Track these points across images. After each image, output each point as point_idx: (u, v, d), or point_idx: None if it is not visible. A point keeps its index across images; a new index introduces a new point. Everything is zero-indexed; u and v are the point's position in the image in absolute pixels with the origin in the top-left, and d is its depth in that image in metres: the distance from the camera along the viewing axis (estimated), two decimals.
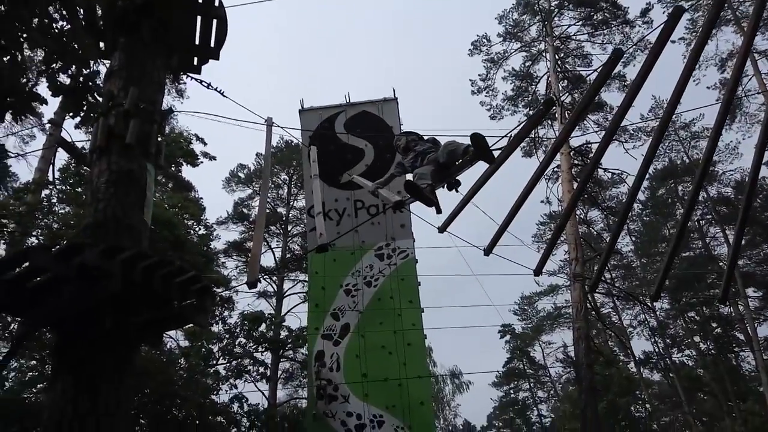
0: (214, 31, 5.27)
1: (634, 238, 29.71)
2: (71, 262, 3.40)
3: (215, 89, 5.35)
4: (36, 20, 2.83)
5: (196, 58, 5.43)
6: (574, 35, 21.48)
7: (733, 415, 27.02)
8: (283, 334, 27.72)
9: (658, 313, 29.71)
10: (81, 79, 3.35)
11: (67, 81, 3.58)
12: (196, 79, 5.36)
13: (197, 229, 18.73)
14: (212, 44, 5.36)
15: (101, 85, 4.35)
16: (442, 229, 5.59)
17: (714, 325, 31.00)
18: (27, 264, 3.43)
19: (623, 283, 27.60)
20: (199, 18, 5.13)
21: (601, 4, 20.60)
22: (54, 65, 3.10)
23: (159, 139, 4.52)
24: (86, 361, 3.46)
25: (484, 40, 21.82)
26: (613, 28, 20.57)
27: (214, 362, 26.32)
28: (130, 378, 3.60)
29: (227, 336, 26.38)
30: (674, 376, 29.39)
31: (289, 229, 31.05)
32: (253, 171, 31.54)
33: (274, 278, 30.40)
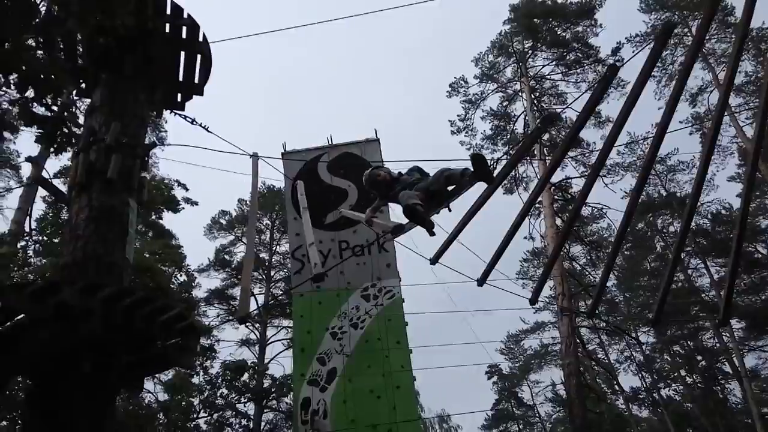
0: (198, 67, 5.21)
1: (616, 273, 29.82)
2: (48, 301, 3.20)
3: (200, 125, 5.25)
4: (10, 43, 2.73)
5: (179, 95, 5.35)
6: (548, 75, 22.04)
7: None
8: (267, 383, 26.95)
9: (644, 347, 29.61)
10: (55, 108, 3.22)
11: (40, 111, 3.44)
12: (180, 115, 5.26)
13: (179, 276, 18.33)
14: (196, 80, 5.29)
15: (77, 115, 4.24)
16: (434, 260, 5.48)
17: (699, 357, 30.93)
18: None
19: (608, 318, 27.50)
20: (182, 54, 5.08)
21: (573, 44, 21.24)
22: (27, 94, 2.97)
23: (142, 174, 4.38)
24: (62, 409, 3.22)
25: (462, 82, 22.27)
26: (586, 67, 21.16)
27: (195, 416, 25.42)
28: (111, 426, 3.36)
29: (208, 387, 25.56)
30: (663, 411, 29.09)
31: (272, 274, 30.61)
32: (235, 217, 31.24)
33: (257, 325, 29.73)
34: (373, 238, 12.63)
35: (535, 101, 21.21)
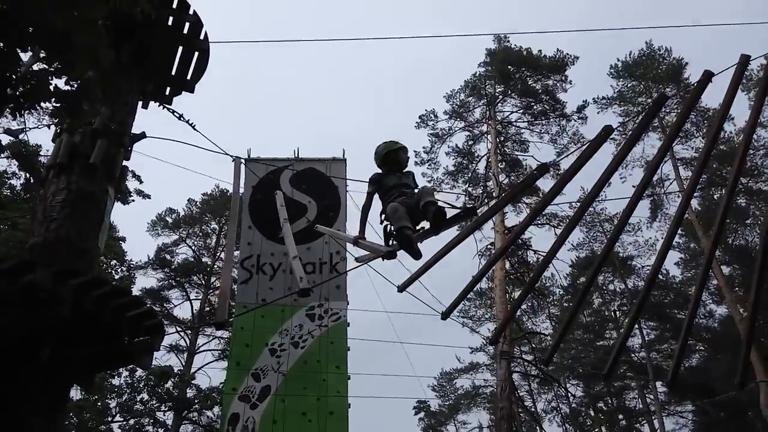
0: (194, 63, 5.14)
1: (553, 323, 30.59)
2: (17, 281, 3.04)
3: (186, 121, 5.16)
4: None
5: (169, 88, 5.25)
6: (514, 122, 22.76)
7: None
8: (191, 393, 26.07)
9: (571, 399, 30.30)
10: (77, 85, 3.10)
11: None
12: (168, 109, 5.15)
13: (119, 270, 17.66)
14: (189, 77, 5.21)
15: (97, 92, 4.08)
16: (401, 288, 5.49)
17: (621, 416, 31.84)
18: None
19: (542, 367, 28.08)
20: (180, 48, 5.00)
21: (542, 96, 22.06)
22: (51, 67, 2.85)
23: (124, 163, 4.26)
24: (15, 396, 3.03)
25: (432, 116, 22.75)
26: (551, 120, 22.00)
27: (110, 419, 24.32)
28: (63, 419, 3.18)
29: (128, 390, 24.55)
30: None
31: (212, 280, 29.83)
32: (183, 217, 30.46)
33: (188, 332, 28.77)
34: (325, 256, 12.57)
35: (500, 145, 21.79)
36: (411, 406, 37.42)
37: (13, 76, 2.63)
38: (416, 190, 4.90)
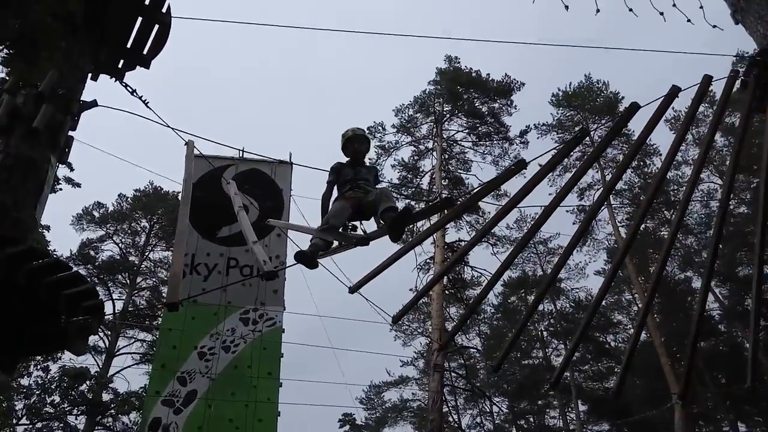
0: (152, 37, 4.84)
1: (482, 340, 31.13)
2: None
3: (140, 98, 4.83)
4: None
5: (122, 61, 4.92)
6: (459, 141, 23.17)
7: None
8: (107, 397, 24.76)
9: (496, 416, 30.81)
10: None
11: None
12: (121, 83, 4.82)
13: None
14: (145, 51, 4.91)
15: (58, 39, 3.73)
16: (353, 289, 5.35)
17: None
18: None
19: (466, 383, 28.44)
20: (139, 19, 4.70)
21: (487, 118, 22.61)
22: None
23: (70, 133, 3.93)
24: None
25: (380, 128, 22.81)
26: (495, 142, 22.54)
27: (14, 422, 22.74)
28: None
29: (38, 392, 23.06)
30: None
31: (138, 281, 28.54)
32: (111, 212, 29.05)
33: (108, 333, 27.35)
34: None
35: (444, 162, 22.09)
36: (336, 416, 37.02)
37: None
38: (375, 190, 4.87)
